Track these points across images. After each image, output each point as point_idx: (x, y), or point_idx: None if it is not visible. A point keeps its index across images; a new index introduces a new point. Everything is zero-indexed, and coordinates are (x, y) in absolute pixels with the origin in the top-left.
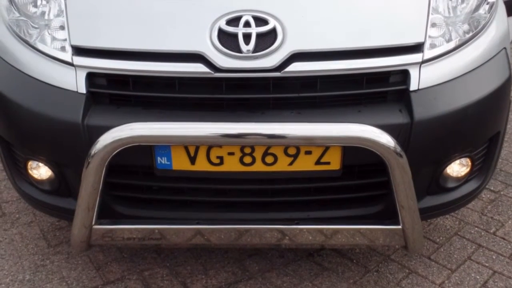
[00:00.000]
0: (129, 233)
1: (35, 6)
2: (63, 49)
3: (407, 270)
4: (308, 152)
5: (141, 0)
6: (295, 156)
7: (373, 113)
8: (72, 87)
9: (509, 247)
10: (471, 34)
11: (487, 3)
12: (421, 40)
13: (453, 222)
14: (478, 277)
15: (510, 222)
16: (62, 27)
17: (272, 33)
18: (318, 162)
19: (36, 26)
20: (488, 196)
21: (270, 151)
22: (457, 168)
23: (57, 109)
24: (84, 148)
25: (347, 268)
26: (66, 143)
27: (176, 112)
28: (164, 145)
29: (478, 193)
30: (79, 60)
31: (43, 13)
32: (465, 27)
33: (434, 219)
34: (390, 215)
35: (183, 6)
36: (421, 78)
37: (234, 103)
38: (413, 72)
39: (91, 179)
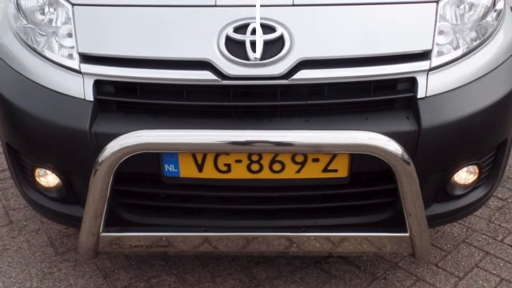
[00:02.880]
0: (137, 240)
1: (43, 13)
2: (70, 56)
3: (414, 278)
4: (316, 160)
5: (148, 7)
6: (303, 164)
7: (381, 121)
8: (80, 95)
9: None
10: (478, 41)
11: (495, 11)
12: (428, 47)
13: (460, 229)
14: (485, 284)
15: None
16: (69, 35)
17: (280, 40)
18: (325, 170)
19: (44, 33)
20: (495, 203)
21: (277, 158)
22: (465, 175)
23: (65, 116)
24: (92, 156)
25: (355, 276)
26: (73, 151)
27: (184, 120)
28: (172, 153)
29: (485, 200)
30: (87, 68)
31: (50, 21)
32: (473, 34)
33: (442, 227)
34: (397, 223)
35: (191, 14)
36: (428, 86)
37: (241, 110)
38: (421, 80)
39: (99, 187)
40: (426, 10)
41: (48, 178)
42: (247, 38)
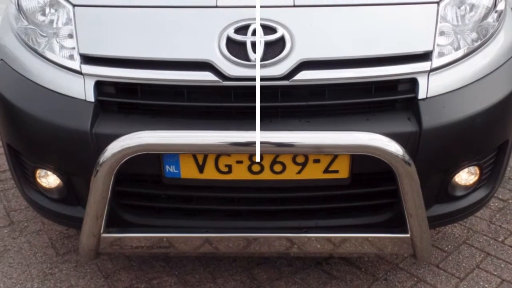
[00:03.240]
0: (138, 241)
1: (44, 14)
2: (71, 57)
3: (415, 279)
4: (317, 161)
5: (149, 8)
6: (304, 165)
7: (382, 122)
8: (81, 96)
9: None
10: (479, 42)
11: (496, 12)
12: (429, 48)
13: (461, 230)
14: (486, 285)
15: None
16: (70, 36)
17: (281, 41)
18: (326, 171)
19: (45, 34)
20: (496, 204)
21: (278, 159)
22: (466, 176)
23: (66, 117)
24: (93, 157)
25: (356, 277)
26: (74, 152)
27: (185, 121)
28: (173, 154)
29: (486, 201)
30: (88, 69)
31: (51, 22)
32: (474, 35)
33: (443, 228)
34: (398, 224)
35: (192, 15)
36: (429, 87)
37: (242, 111)
38: (422, 81)
39: (100, 188)
40: (427, 11)
41: (49, 179)
42: (248, 39)
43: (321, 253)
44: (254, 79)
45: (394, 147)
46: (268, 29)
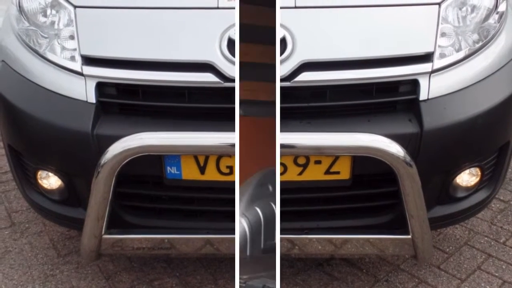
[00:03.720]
0: (139, 242)
1: (45, 15)
2: (72, 58)
3: (416, 280)
4: (318, 162)
5: (150, 9)
6: (305, 166)
7: (383, 123)
8: (82, 97)
9: None
10: (480, 43)
11: (497, 13)
12: (430, 49)
13: (462, 231)
14: (488, 286)
15: None
16: (71, 37)
17: (282, 42)
18: (327, 172)
19: (46, 35)
20: (497, 205)
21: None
22: (467, 177)
23: (67, 118)
24: (94, 158)
25: (357, 278)
26: (75, 153)
27: (186, 122)
28: (174, 155)
29: (488, 202)
30: (89, 70)
31: (52, 23)
32: (475, 36)
33: (444, 229)
34: (399, 225)
35: (193, 16)
36: (430, 88)
37: None
38: (423, 82)
39: (101, 189)
40: (428, 12)
41: (50, 180)
42: None
43: (322, 254)
44: None
45: (395, 148)
46: None
